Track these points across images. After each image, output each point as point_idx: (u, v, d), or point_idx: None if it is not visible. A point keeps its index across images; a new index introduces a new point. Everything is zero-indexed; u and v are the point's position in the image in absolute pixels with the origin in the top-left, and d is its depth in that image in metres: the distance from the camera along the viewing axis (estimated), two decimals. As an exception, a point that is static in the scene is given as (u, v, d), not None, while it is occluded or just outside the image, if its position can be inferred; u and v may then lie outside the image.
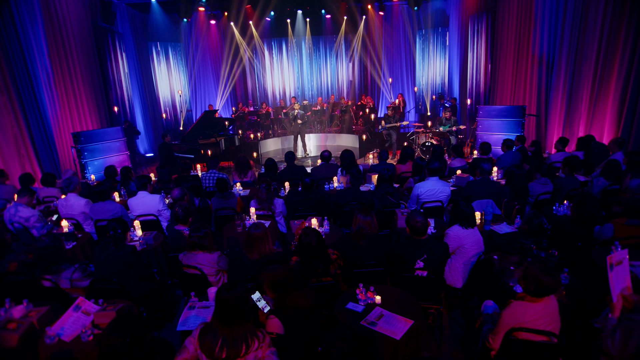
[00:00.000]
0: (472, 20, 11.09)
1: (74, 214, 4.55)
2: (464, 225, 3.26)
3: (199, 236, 3.04)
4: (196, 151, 9.20)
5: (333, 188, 5.41)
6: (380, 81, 14.32)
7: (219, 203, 4.62)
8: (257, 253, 2.91)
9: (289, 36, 14.10)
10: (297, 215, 4.38)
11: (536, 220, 3.08)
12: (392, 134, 10.32)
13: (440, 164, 4.50)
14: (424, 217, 2.90)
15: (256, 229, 2.91)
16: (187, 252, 3.10)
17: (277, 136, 12.44)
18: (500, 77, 10.08)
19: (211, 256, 3.07)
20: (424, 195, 4.44)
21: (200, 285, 3.04)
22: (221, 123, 10.32)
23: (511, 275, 2.75)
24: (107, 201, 4.36)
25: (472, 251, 3.26)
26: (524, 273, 2.15)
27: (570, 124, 8.01)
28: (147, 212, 4.47)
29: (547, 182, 4.62)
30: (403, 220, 3.88)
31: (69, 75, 8.41)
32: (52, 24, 7.94)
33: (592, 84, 7.30)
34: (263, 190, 4.37)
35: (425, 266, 2.91)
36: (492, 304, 2.68)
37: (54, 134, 7.88)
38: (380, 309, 2.46)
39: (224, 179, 4.54)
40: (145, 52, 12.17)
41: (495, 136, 8.67)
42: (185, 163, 5.66)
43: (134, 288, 3.16)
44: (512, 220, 3.90)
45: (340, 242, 3.27)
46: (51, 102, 7.90)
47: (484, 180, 4.54)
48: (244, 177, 5.97)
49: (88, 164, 7.90)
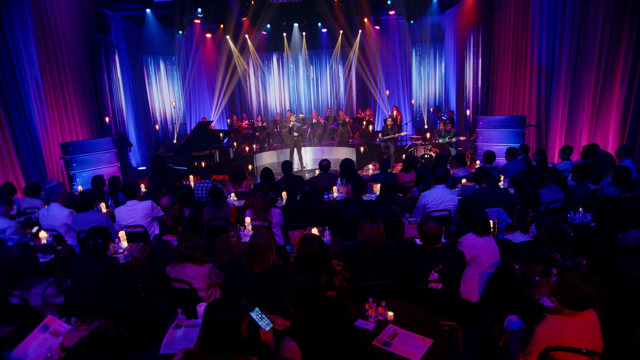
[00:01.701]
0: (469, 33, 11.13)
1: (55, 225, 4.22)
2: (478, 233, 3.00)
3: (188, 247, 2.73)
4: (190, 163, 8.92)
5: (333, 198, 5.15)
6: (377, 94, 14.28)
7: (212, 213, 4.33)
8: (259, 265, 2.57)
9: (285, 50, 14.08)
10: (295, 225, 4.10)
11: (558, 226, 2.83)
12: (390, 146, 10.15)
13: (446, 170, 4.27)
14: (438, 223, 2.63)
15: (260, 238, 2.58)
16: (175, 264, 2.79)
17: (273, 149, 12.23)
18: (499, 88, 10.03)
19: (202, 269, 2.76)
20: (430, 204, 4.19)
21: (189, 301, 2.72)
22: (216, 135, 10.09)
23: (536, 286, 2.47)
24: (90, 211, 4.05)
25: (489, 261, 2.99)
26: (559, 283, 1.88)
27: (572, 134, 7.88)
28: (136, 222, 4.17)
29: (558, 189, 4.40)
30: (410, 230, 3.61)
31: (60, 85, 8.18)
32: (44, 33, 7.76)
33: (594, 93, 7.20)
34: (259, 199, 4.09)
35: (440, 277, 2.62)
36: (516, 319, 2.39)
37: (42, 145, 7.59)
38: (394, 327, 2.16)
39: (217, 187, 4.27)
40: (140, 65, 12.03)
41: (495, 147, 8.50)
42: (177, 172, 5.37)
43: (115, 304, 2.84)
44: (526, 229, 3.65)
45: (345, 252, 2.97)
46: (40, 112, 7.63)
47: (492, 188, 4.30)
48: (239, 187, 5.69)
49: (76, 176, 7.58)
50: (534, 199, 4.21)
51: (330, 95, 15.06)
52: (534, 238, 3.48)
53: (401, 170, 5.93)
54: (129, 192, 4.17)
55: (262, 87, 14.53)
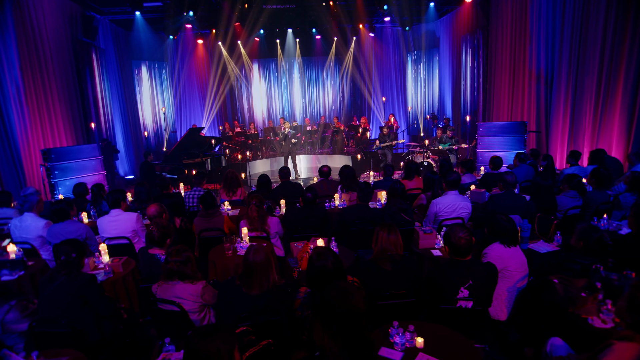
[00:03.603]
0: (464, 39, 11.05)
1: (29, 238, 3.78)
2: (505, 243, 2.69)
3: (178, 262, 2.35)
4: (180, 171, 8.51)
5: (335, 206, 4.80)
6: (372, 101, 14.09)
7: (203, 223, 3.94)
8: (257, 287, 2.21)
9: (278, 57, 13.85)
10: (296, 236, 3.73)
11: (595, 234, 2.53)
12: (388, 153, 9.89)
13: (458, 175, 3.97)
14: (468, 232, 2.31)
15: (256, 255, 2.22)
16: (163, 282, 2.40)
17: (266, 157, 11.89)
18: (496, 94, 9.90)
19: (194, 287, 2.37)
20: (443, 212, 3.88)
21: (179, 326, 2.34)
22: (207, 142, 9.71)
23: (583, 304, 2.16)
24: (67, 221, 3.62)
25: (518, 274, 2.67)
26: (630, 302, 1.56)
27: (574, 139, 7.72)
28: (120, 233, 3.76)
29: (576, 195, 4.14)
30: (426, 240, 3.29)
31: (43, 88, 7.74)
32: (26, 34, 7.35)
33: (596, 98, 7.07)
34: (254, 208, 3.72)
35: (470, 294, 2.29)
36: (561, 342, 2.07)
37: (21, 151, 7.12)
38: (426, 357, 1.81)
39: (210, 194, 3.88)
40: (129, 70, 11.64)
41: (496, 154, 8.30)
42: (162, 179, 4.92)
43: (92, 330, 2.43)
44: (550, 237, 3.35)
45: (360, 267, 2.60)
46: (20, 116, 7.19)
47: (508, 195, 4.01)
48: (233, 195, 5.31)
49: (58, 184, 7.10)
50: (552, 205, 3.93)
51: (324, 103, 14.83)
52: (560, 247, 3.19)
53: (403, 177, 5.62)
54: (112, 201, 3.77)
55: (255, 94, 14.23)
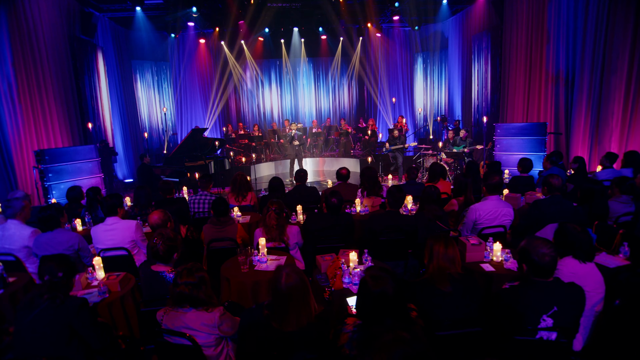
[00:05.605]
0: (475, 39, 10.68)
1: (12, 249, 3.32)
2: (580, 258, 2.25)
3: (190, 285, 1.87)
4: (182, 174, 8.05)
5: (356, 212, 4.36)
6: (379, 103, 13.69)
7: (214, 232, 3.48)
8: (295, 321, 1.69)
9: (283, 57, 13.45)
10: (320, 247, 3.28)
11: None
12: (398, 156, 9.46)
13: (500, 179, 3.54)
14: (552, 248, 1.85)
15: (289, 279, 1.69)
16: (171, 308, 1.94)
17: (271, 160, 11.46)
18: (510, 95, 9.51)
19: (209, 316, 1.90)
20: (483, 220, 3.44)
21: (190, 364, 1.88)
22: (210, 143, 9.26)
23: None
24: (57, 230, 3.16)
25: (596, 296, 2.22)
26: None
27: (599, 141, 7.30)
28: (117, 244, 3.31)
29: (629, 200, 3.70)
30: (473, 252, 2.84)
31: (37, 86, 7.31)
32: (20, 29, 6.94)
33: (625, 96, 6.68)
34: (273, 215, 3.28)
35: (554, 324, 1.84)
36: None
37: (13, 152, 6.69)
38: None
39: (223, 199, 3.42)
40: (129, 69, 11.22)
41: (514, 156, 7.90)
42: (165, 183, 4.45)
43: (82, 368, 1.97)
44: (615, 249, 2.91)
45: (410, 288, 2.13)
46: (12, 115, 6.75)
47: (554, 200, 3.57)
48: (243, 200, 4.87)
49: (53, 187, 6.65)
50: (605, 211, 3.50)
51: (331, 104, 14.43)
52: (629, 261, 2.75)
53: (427, 181, 5.19)
54: (107, 207, 3.31)
55: (259, 95, 13.82)
